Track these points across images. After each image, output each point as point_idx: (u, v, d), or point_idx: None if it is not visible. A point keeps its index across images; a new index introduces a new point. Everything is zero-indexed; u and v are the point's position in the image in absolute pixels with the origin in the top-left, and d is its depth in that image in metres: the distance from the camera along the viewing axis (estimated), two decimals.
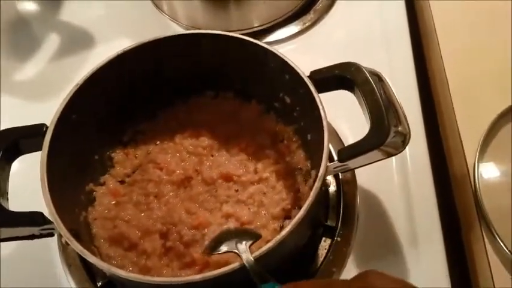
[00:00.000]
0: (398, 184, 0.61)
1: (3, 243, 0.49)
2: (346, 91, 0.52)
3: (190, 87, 0.62)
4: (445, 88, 0.67)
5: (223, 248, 0.46)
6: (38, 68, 0.80)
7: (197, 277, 0.40)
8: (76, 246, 0.42)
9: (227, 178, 0.59)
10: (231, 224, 0.55)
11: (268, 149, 0.61)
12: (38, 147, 0.49)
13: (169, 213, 0.55)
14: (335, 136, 0.64)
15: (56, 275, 0.58)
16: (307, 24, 0.79)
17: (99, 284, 0.56)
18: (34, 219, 0.44)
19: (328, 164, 0.46)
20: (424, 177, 0.61)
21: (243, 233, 0.47)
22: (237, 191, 0.58)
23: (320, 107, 0.48)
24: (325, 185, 0.58)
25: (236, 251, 0.43)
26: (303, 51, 0.77)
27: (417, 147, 0.62)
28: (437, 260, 0.56)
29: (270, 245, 0.41)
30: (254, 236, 0.45)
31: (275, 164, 0.59)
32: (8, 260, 0.59)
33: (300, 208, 0.55)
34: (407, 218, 0.59)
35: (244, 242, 0.43)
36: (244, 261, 0.41)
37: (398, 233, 0.58)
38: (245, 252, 0.42)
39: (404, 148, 0.47)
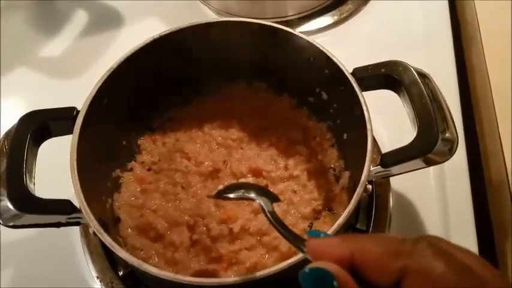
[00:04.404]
0: (434, 189, 0.58)
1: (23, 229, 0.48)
2: (383, 90, 0.50)
3: (223, 76, 0.60)
4: (487, 90, 0.64)
5: (239, 193, 0.42)
6: (65, 45, 0.78)
7: (229, 280, 0.38)
8: (105, 238, 0.41)
9: (256, 173, 0.57)
10: (259, 219, 0.53)
11: (300, 145, 0.59)
12: (67, 131, 0.48)
13: (197, 205, 0.53)
14: None
15: (77, 262, 0.56)
16: (344, 15, 0.76)
17: (121, 273, 0.54)
18: (63, 207, 0.43)
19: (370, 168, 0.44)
20: (462, 183, 0.58)
21: (261, 190, 0.42)
22: (266, 186, 0.56)
23: (364, 107, 0.46)
24: (365, 190, 0.56)
25: (257, 199, 0.39)
26: (336, 44, 0.73)
27: (457, 152, 0.59)
28: None
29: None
30: (273, 198, 0.41)
31: (307, 162, 0.57)
32: (28, 245, 0.58)
33: (330, 209, 0.55)
34: (442, 223, 0.56)
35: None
36: (266, 211, 0.38)
37: None
38: (266, 203, 0.39)
39: (451, 157, 0.44)
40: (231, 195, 0.43)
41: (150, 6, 0.80)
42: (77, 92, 0.49)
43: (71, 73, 0.75)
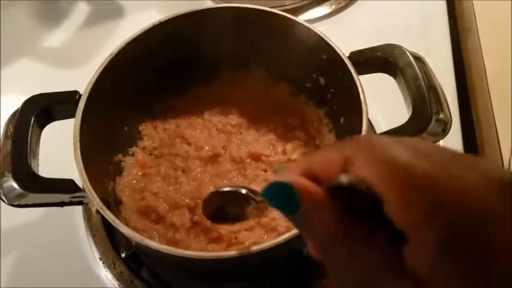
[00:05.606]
0: None
1: (27, 210, 0.49)
2: (381, 77, 0.51)
3: (222, 63, 0.61)
4: (483, 78, 0.65)
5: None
6: (67, 35, 0.80)
7: (228, 254, 0.39)
8: (108, 215, 0.42)
9: (255, 157, 0.58)
10: None
11: (298, 130, 0.60)
12: (70, 115, 0.49)
13: (197, 188, 0.54)
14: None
15: (80, 244, 0.58)
16: (341, 4, 0.77)
17: (123, 255, 0.56)
18: (66, 186, 0.44)
19: None
20: None
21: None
22: (265, 170, 0.57)
23: (360, 90, 0.47)
24: None
25: (244, 190, 0.42)
26: (334, 32, 0.74)
27: (452, 138, 0.60)
28: None
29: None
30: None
31: (304, 147, 0.58)
32: (31, 228, 0.59)
33: None
34: None
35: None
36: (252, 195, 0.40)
37: None
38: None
39: (444, 136, 0.45)
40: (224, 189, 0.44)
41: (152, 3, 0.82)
42: (79, 82, 0.50)
43: (73, 63, 0.76)
